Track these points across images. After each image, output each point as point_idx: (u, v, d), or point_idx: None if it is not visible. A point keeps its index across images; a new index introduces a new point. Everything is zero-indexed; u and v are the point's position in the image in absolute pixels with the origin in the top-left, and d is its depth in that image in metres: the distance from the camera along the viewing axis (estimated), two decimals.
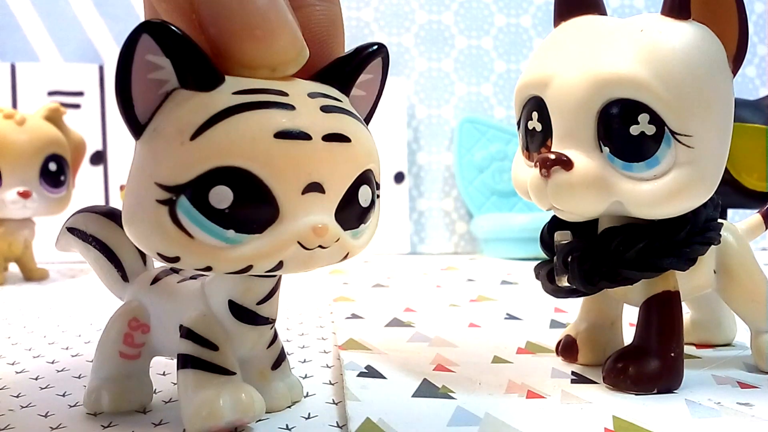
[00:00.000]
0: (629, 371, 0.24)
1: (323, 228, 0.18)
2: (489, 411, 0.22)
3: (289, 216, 0.18)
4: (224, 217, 0.17)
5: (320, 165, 0.18)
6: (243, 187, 0.17)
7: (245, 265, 0.18)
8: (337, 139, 0.18)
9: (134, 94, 0.17)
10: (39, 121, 0.56)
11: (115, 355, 0.23)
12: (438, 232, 0.86)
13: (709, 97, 0.22)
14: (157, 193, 0.17)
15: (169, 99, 0.18)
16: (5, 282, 0.56)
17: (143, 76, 0.17)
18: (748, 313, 0.28)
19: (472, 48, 0.89)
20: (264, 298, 0.21)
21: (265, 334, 0.22)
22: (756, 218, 0.31)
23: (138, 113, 0.17)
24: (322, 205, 0.18)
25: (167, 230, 0.17)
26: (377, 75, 0.21)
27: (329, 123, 0.18)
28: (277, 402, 0.23)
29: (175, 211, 0.17)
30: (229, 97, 0.17)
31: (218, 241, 0.17)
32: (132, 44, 0.17)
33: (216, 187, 0.17)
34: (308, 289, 0.50)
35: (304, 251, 0.18)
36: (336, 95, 0.20)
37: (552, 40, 0.26)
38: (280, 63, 0.18)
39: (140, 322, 0.23)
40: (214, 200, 0.17)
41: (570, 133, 0.23)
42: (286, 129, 0.17)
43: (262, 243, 0.18)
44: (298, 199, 0.18)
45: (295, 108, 0.18)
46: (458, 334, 0.35)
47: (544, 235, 0.27)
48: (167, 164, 0.17)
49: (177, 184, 0.17)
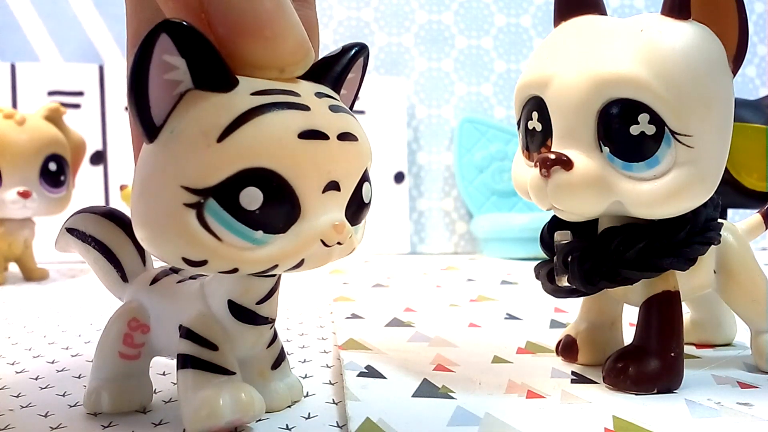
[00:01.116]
0: (629, 371, 0.24)
1: (342, 225, 0.19)
2: (489, 411, 0.22)
3: (310, 215, 0.18)
4: (254, 219, 0.17)
5: (337, 164, 0.18)
6: (270, 188, 0.17)
7: (271, 264, 0.18)
8: (348, 138, 0.19)
9: (151, 96, 0.17)
10: (39, 121, 0.56)
11: (115, 355, 0.23)
12: (438, 232, 0.86)
13: (709, 97, 0.22)
14: (183, 196, 0.17)
15: (183, 100, 0.17)
16: (5, 282, 0.56)
17: (160, 76, 0.17)
18: (748, 313, 0.28)
19: (472, 48, 0.89)
20: (263, 298, 0.21)
21: (264, 333, 0.22)
22: (756, 218, 0.31)
23: (154, 115, 0.17)
24: (337, 202, 0.19)
25: (195, 234, 0.17)
26: (358, 74, 0.22)
27: (340, 122, 0.19)
28: (276, 402, 0.23)
29: (203, 214, 0.17)
30: (249, 98, 0.17)
31: (246, 243, 0.17)
32: (150, 44, 0.16)
33: (246, 188, 0.17)
34: (308, 289, 0.50)
35: (324, 248, 0.18)
36: (335, 95, 0.20)
37: (552, 40, 0.26)
38: (289, 64, 0.18)
39: (140, 323, 0.23)
40: (244, 202, 0.17)
41: (570, 133, 0.23)
42: (307, 129, 0.18)
43: (287, 242, 0.18)
44: (318, 197, 0.18)
45: (310, 108, 0.18)
46: (458, 334, 0.35)
47: (544, 235, 0.27)
48: (194, 167, 0.17)
49: (206, 186, 0.17)
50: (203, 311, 0.21)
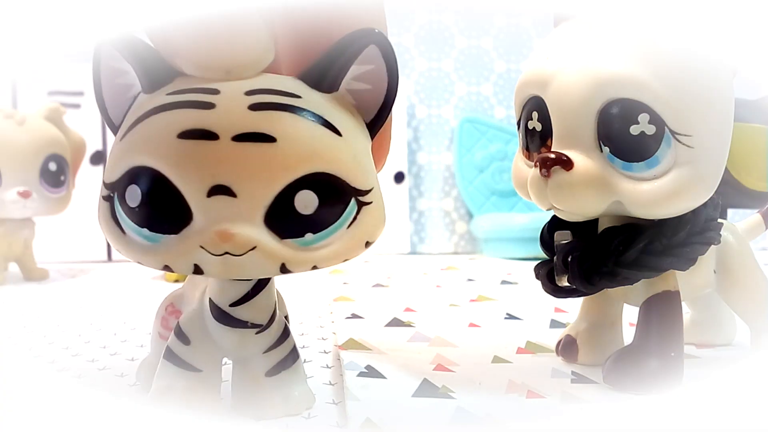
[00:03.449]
0: (629, 371, 0.24)
1: (225, 233, 0.17)
2: (489, 411, 0.22)
3: (199, 219, 0.17)
4: (137, 215, 0.18)
5: (227, 166, 0.17)
6: (152, 187, 0.18)
7: (162, 264, 0.18)
8: (252, 138, 0.17)
9: (105, 98, 0.19)
10: (39, 121, 0.56)
11: (156, 335, 0.25)
12: (438, 232, 0.86)
13: (709, 97, 0.22)
14: (102, 190, 0.19)
15: (135, 102, 0.19)
16: (5, 282, 0.56)
17: (111, 81, 0.19)
18: (748, 313, 0.28)
19: (472, 48, 0.89)
20: (237, 301, 0.21)
21: (248, 337, 0.21)
22: (756, 218, 0.31)
23: (111, 116, 0.19)
24: (234, 209, 0.17)
25: (109, 225, 0.19)
26: (379, 64, 0.19)
27: (249, 122, 0.17)
28: (262, 411, 0.22)
29: (113, 207, 0.18)
30: (162, 98, 0.18)
31: (140, 239, 0.18)
32: (98, 52, 0.18)
33: (130, 185, 0.18)
34: (308, 289, 0.50)
35: (214, 257, 0.17)
36: (294, 92, 0.18)
37: (552, 39, 0.26)
38: (236, 66, 0.18)
39: (175, 308, 0.24)
40: (128, 198, 0.18)
41: (570, 132, 0.23)
42: (188, 129, 0.17)
43: (173, 244, 0.18)
44: (204, 201, 0.17)
45: (214, 106, 0.17)
46: (458, 334, 0.35)
47: (544, 235, 0.27)
48: (108, 162, 0.19)
49: (110, 182, 0.18)
50: (195, 307, 0.22)
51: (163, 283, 0.54)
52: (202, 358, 0.21)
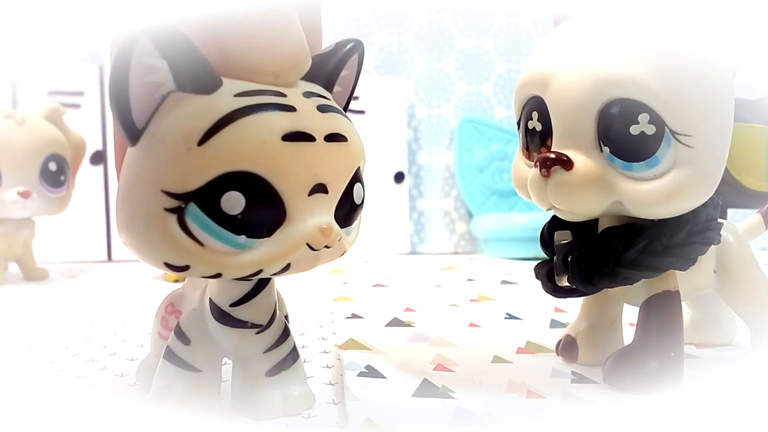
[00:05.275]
0: (629, 371, 0.24)
1: (329, 228, 0.18)
2: (489, 411, 0.22)
3: (296, 218, 0.18)
4: (237, 223, 0.17)
5: (324, 166, 0.18)
6: (254, 192, 0.17)
7: (256, 269, 0.18)
8: (336, 138, 0.18)
9: (131, 98, 0.17)
10: (39, 121, 0.56)
11: (156, 335, 0.25)
12: (438, 232, 0.86)
13: (709, 97, 0.22)
14: (164, 201, 0.17)
15: (165, 102, 0.17)
16: (5, 282, 0.56)
17: (141, 78, 0.16)
18: (748, 313, 0.28)
19: (472, 48, 0.89)
20: (237, 301, 0.21)
21: (248, 337, 0.21)
22: (756, 218, 0.31)
23: (135, 118, 0.17)
24: (325, 205, 0.18)
25: (176, 239, 0.17)
26: (353, 71, 0.21)
27: (328, 123, 0.18)
28: (262, 411, 0.22)
29: (184, 219, 0.17)
30: (232, 99, 0.17)
31: (229, 247, 0.17)
32: (130, 46, 0.16)
33: (228, 192, 0.17)
34: (308, 289, 0.50)
35: (311, 252, 0.18)
36: (326, 94, 0.20)
37: (552, 39, 0.26)
38: (284, 70, 0.18)
39: (175, 308, 0.24)
40: (225, 206, 0.17)
41: (570, 132, 0.23)
42: (292, 131, 0.17)
43: (272, 246, 0.18)
44: (304, 200, 0.18)
45: (296, 109, 0.18)
46: (458, 334, 0.35)
47: (544, 235, 0.27)
48: (175, 171, 0.17)
49: (186, 191, 0.17)
50: (195, 307, 0.22)
51: (163, 283, 0.54)
52: (202, 358, 0.21)
